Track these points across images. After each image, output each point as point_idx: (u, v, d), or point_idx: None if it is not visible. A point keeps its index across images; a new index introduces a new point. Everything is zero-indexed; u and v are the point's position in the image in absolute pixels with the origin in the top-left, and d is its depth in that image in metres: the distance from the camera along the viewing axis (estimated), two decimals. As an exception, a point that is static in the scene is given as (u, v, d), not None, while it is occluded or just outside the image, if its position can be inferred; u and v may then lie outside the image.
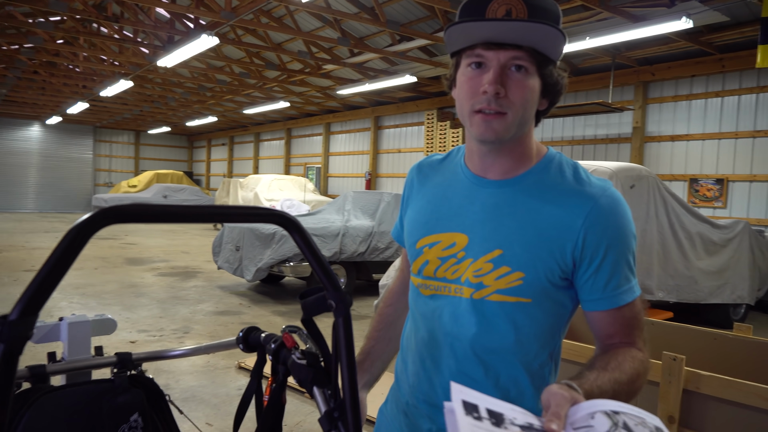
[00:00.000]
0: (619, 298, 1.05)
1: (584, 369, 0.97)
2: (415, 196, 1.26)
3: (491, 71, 1.02)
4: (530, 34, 0.99)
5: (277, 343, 1.16)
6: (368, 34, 11.04)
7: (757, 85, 8.76)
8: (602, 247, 1.04)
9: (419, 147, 14.90)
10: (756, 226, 8.09)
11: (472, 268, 1.10)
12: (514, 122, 1.05)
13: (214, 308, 7.03)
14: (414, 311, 1.23)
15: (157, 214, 0.76)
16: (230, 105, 18.66)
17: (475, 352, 1.10)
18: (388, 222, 8.25)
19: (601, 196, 1.06)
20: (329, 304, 0.95)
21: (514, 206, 1.09)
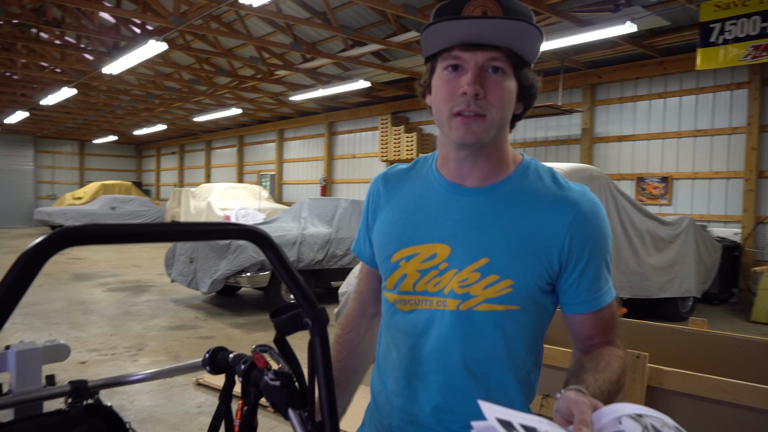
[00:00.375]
0: (600, 300, 1.07)
1: (576, 371, 0.97)
2: (383, 208, 1.21)
3: (469, 72, 1.01)
4: (507, 33, 0.99)
5: (247, 364, 1.10)
6: (320, 39, 10.98)
7: (696, 87, 9.14)
8: (586, 250, 1.05)
9: (374, 152, 14.91)
10: (699, 222, 8.42)
11: (456, 278, 1.06)
12: (493, 124, 1.03)
13: (169, 323, 6.81)
14: (391, 328, 1.17)
15: (119, 235, 0.70)
16: (180, 112, 18.23)
17: (465, 364, 1.07)
18: (345, 228, 8.19)
19: (583, 200, 1.06)
20: (305, 322, 0.90)
21: (497, 213, 1.07)
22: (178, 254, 7.90)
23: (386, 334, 1.20)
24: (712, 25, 7.08)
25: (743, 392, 1.86)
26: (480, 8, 0.99)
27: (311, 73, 11.84)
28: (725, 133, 8.83)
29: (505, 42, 1.01)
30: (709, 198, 9.04)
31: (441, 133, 1.13)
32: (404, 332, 1.13)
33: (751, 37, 6.84)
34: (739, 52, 6.94)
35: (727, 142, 8.83)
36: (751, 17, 6.82)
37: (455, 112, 1.03)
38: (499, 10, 0.99)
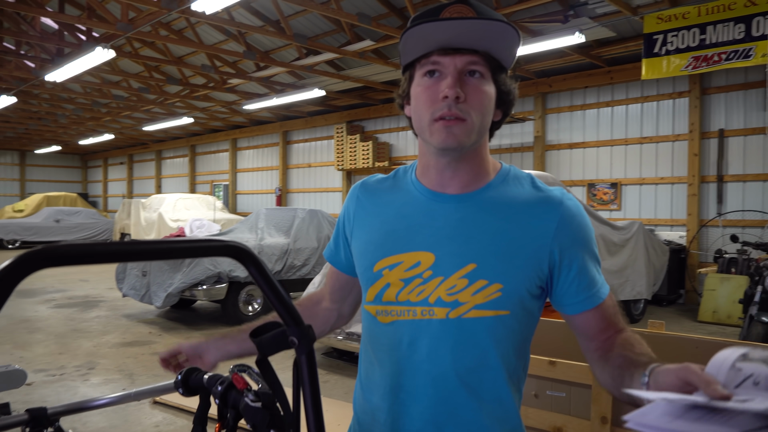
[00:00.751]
0: (600, 293, 1.08)
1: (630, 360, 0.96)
2: (363, 217, 1.19)
3: (449, 76, 1.02)
4: (485, 36, 1.00)
5: (224, 385, 1.05)
6: (274, 47, 10.88)
7: (641, 96, 9.49)
8: (577, 249, 1.06)
9: (330, 161, 14.84)
10: (647, 226, 8.73)
11: (443, 286, 1.05)
12: (474, 128, 1.03)
13: (121, 339, 6.56)
14: (373, 343, 1.14)
15: (96, 255, 0.65)
16: (128, 122, 17.70)
17: (458, 374, 1.05)
18: (303, 239, 8.11)
19: (565, 200, 1.08)
20: (291, 341, 0.86)
21: (482, 219, 1.07)
22: (129, 267, 7.63)
23: (368, 349, 1.17)
24: (655, 37, 7.38)
25: (706, 392, 1.91)
26: (456, 14, 1.01)
27: (265, 82, 11.70)
28: (669, 140, 9.20)
29: (483, 45, 1.02)
30: (656, 202, 9.38)
31: (421, 141, 1.12)
32: (388, 345, 1.10)
33: (692, 48, 7.15)
34: (680, 62, 7.24)
35: (671, 149, 9.20)
36: (691, 29, 7.14)
37: (437, 116, 1.03)
38: (474, 15, 1.00)
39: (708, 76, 8.72)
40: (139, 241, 0.71)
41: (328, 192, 15.02)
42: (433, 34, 1.01)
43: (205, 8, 7.10)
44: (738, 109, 8.57)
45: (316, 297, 1.35)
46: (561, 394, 2.32)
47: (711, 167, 8.78)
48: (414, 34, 1.01)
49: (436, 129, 1.03)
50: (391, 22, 8.95)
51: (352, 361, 5.62)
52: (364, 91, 12.62)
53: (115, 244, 0.68)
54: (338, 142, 13.88)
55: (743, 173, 8.50)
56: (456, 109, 1.01)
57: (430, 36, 1.01)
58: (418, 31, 1.01)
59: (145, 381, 5.04)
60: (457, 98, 1.01)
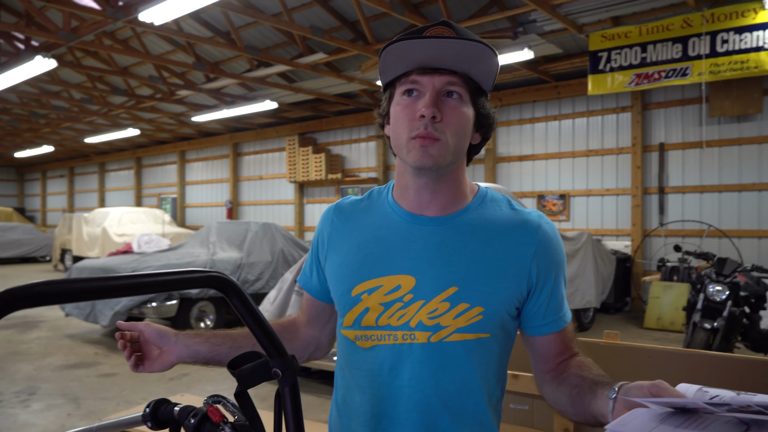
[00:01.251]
0: (565, 318, 1.11)
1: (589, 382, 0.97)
2: (337, 240, 1.16)
3: (427, 95, 1.02)
4: (464, 57, 1.01)
5: (198, 417, 1.00)
6: (224, 59, 10.72)
7: (587, 110, 9.83)
8: (551, 272, 1.08)
9: (282, 173, 14.69)
10: (595, 236, 9.01)
11: (424, 310, 1.04)
12: (450, 149, 1.04)
13: (65, 361, 6.25)
14: (351, 368, 1.12)
15: (74, 292, 0.61)
16: (70, 133, 17.03)
17: (440, 398, 1.05)
18: (257, 252, 7.97)
19: (543, 224, 1.10)
20: (274, 372, 0.83)
21: (462, 242, 1.07)
22: (72, 286, 7.31)
23: (345, 375, 1.14)
24: (600, 54, 7.67)
25: (665, 401, 1.97)
26: (437, 34, 1.01)
27: (215, 94, 11.50)
28: (613, 153, 9.55)
29: (462, 67, 1.03)
30: (602, 213, 9.71)
31: (399, 162, 1.12)
32: (368, 371, 1.08)
33: (634, 66, 7.48)
34: (624, 79, 7.55)
35: (616, 162, 9.55)
36: (633, 48, 7.47)
37: (413, 135, 1.03)
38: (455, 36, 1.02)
39: (649, 92, 9.12)
40: (119, 276, 0.67)
41: (280, 204, 14.85)
42: (412, 52, 1.01)
43: (153, 19, 6.93)
44: (676, 123, 8.99)
45: (296, 323, 1.30)
46: (524, 407, 2.34)
47: (653, 179, 9.16)
48: (393, 52, 1.02)
49: (412, 147, 1.03)
50: (343, 35, 8.97)
51: (309, 377, 5.53)
52: (316, 103, 12.57)
53: (93, 281, 0.64)
54: (290, 154, 13.76)
55: (682, 185, 8.91)
56: (432, 129, 1.01)
57: (409, 54, 1.02)
58: (398, 48, 1.01)
59: (91, 405, 4.82)
60: (434, 118, 1.01)
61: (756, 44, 6.60)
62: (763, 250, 8.24)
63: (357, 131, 13.20)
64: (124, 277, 0.67)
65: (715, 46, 6.84)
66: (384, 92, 1.12)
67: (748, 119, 8.32)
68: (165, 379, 5.60)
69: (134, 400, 4.93)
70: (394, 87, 1.08)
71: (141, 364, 1.17)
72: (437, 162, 1.03)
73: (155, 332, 1.18)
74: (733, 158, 8.48)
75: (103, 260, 7.67)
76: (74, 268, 7.47)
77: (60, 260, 15.83)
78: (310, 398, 4.98)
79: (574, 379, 1.03)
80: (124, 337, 1.16)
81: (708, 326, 5.08)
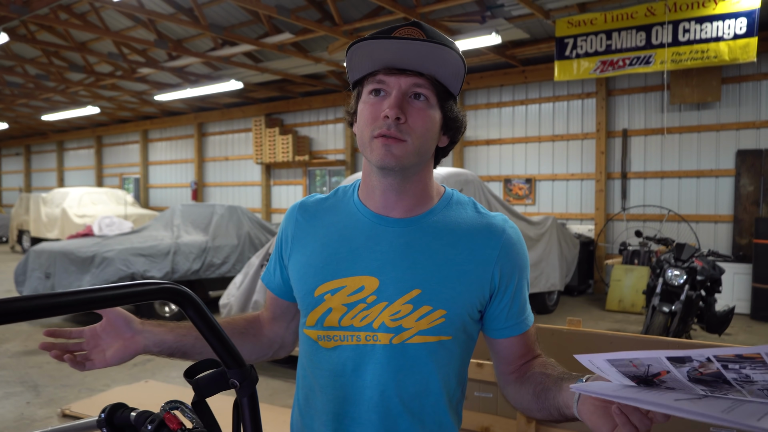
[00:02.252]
0: (527, 321, 1.12)
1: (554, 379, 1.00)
2: (301, 238, 1.15)
3: (392, 96, 1.02)
4: (431, 59, 1.00)
5: (155, 424, 0.98)
6: (187, 36, 10.41)
7: (553, 95, 9.93)
8: (514, 276, 1.10)
9: (248, 154, 14.47)
10: (559, 220, 9.17)
11: (387, 311, 1.04)
12: (414, 150, 1.03)
13: (23, 347, 6.09)
14: (313, 368, 1.12)
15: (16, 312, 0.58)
16: (25, 110, 16.39)
17: (402, 400, 1.05)
18: (222, 236, 7.86)
19: (507, 228, 1.11)
20: (232, 383, 0.82)
21: (427, 244, 1.07)
22: (31, 269, 7.10)
23: (308, 375, 1.14)
24: (567, 40, 7.73)
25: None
26: (406, 35, 1.01)
27: (178, 72, 11.20)
28: (578, 138, 9.68)
29: (429, 69, 1.02)
30: (567, 197, 9.87)
31: (365, 162, 1.11)
32: (330, 371, 1.08)
33: (599, 53, 7.56)
34: (589, 65, 7.63)
35: (581, 147, 9.69)
36: (598, 35, 7.54)
37: (376, 134, 1.02)
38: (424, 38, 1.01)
39: (613, 78, 9.25)
40: (65, 293, 0.64)
41: (246, 186, 14.65)
42: (380, 51, 1.00)
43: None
44: (639, 110, 9.16)
45: (261, 320, 1.28)
46: (488, 395, 2.38)
47: (616, 164, 9.34)
48: (360, 50, 1.01)
49: (376, 146, 1.03)
50: (310, 15, 8.81)
51: (276, 362, 5.52)
52: (283, 83, 12.37)
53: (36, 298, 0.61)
54: (257, 135, 13.55)
55: (644, 171, 9.11)
56: (396, 130, 1.01)
57: (377, 54, 1.01)
58: (365, 47, 1.00)
59: (52, 393, 4.71)
60: (398, 119, 1.00)
61: (715, 34, 6.74)
62: (719, 234, 8.52)
63: (324, 113, 13.06)
64: (71, 293, 0.64)
65: (677, 35, 6.96)
66: (352, 90, 1.11)
67: (707, 107, 8.53)
68: (129, 365, 5.51)
69: (96, 387, 4.85)
70: (362, 85, 1.07)
71: (89, 360, 1.08)
72: (400, 162, 1.02)
73: (122, 318, 1.11)
74: (692, 145, 8.70)
75: (62, 243, 7.46)
76: (32, 251, 7.25)
77: (17, 241, 15.35)
78: (277, 383, 4.98)
79: (537, 377, 1.05)
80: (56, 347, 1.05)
81: (666, 310, 5.25)
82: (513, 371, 1.12)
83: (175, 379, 5.09)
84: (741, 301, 7.67)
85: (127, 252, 6.78)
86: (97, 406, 4.25)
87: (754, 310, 7.56)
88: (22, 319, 0.60)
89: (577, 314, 7.72)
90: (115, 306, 0.69)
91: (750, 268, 7.70)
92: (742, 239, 8.22)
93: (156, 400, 4.19)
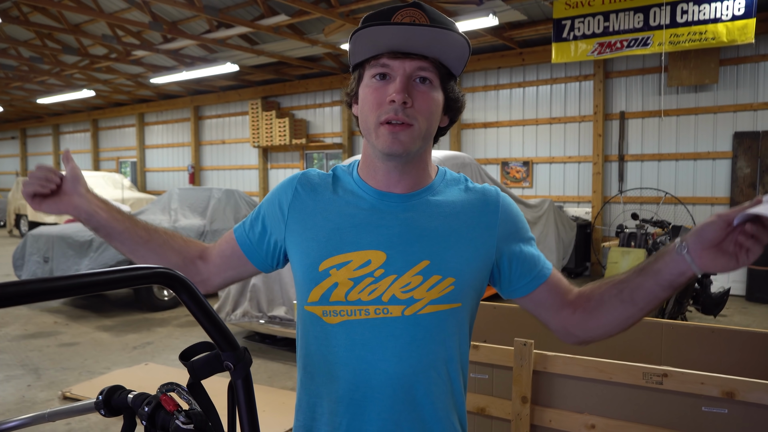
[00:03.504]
0: (544, 270, 1.16)
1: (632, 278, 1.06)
2: (301, 211, 1.14)
3: (398, 80, 1.03)
4: (436, 43, 1.02)
5: (152, 405, 1.00)
6: (182, 18, 10.31)
7: (550, 78, 9.88)
8: (518, 237, 1.15)
9: (245, 137, 14.42)
10: (557, 203, 9.19)
11: (397, 284, 1.06)
12: (420, 134, 1.05)
13: (23, 331, 6.13)
14: (320, 345, 1.10)
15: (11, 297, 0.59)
16: (20, 93, 16.27)
17: (416, 370, 1.07)
18: (220, 220, 7.87)
19: (500, 197, 1.17)
20: (226, 365, 0.83)
21: (431, 216, 1.10)
22: (29, 253, 7.12)
23: (311, 351, 1.12)
24: (564, 22, 7.67)
25: (615, 370, 2.06)
26: (408, 18, 1.02)
27: (174, 55, 11.11)
28: (576, 120, 9.66)
29: (433, 52, 1.03)
30: (564, 180, 9.87)
31: (367, 142, 1.12)
32: (337, 347, 1.08)
33: (597, 35, 7.51)
34: (587, 47, 7.59)
35: (578, 129, 9.67)
36: (596, 17, 7.49)
37: (383, 120, 1.03)
38: (426, 21, 1.02)
39: (610, 60, 9.20)
40: (57, 278, 0.65)
41: (243, 169, 14.62)
42: (384, 37, 1.01)
43: (105, -25, 6.60)
44: (636, 92, 9.12)
45: (199, 248, 1.28)
46: (484, 376, 2.41)
47: (613, 147, 9.33)
48: (364, 36, 1.01)
49: (382, 133, 1.04)
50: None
51: (275, 344, 5.56)
52: (279, 66, 12.29)
53: (31, 282, 0.62)
54: (253, 118, 13.49)
55: (641, 153, 9.10)
56: (403, 114, 1.02)
57: (381, 39, 1.02)
58: (369, 33, 1.00)
59: (52, 376, 4.75)
60: (405, 103, 1.02)
61: (714, 15, 6.69)
62: (715, 216, 8.54)
63: (321, 95, 12.99)
64: (66, 278, 0.65)
65: (675, 16, 6.91)
66: (353, 72, 1.12)
67: (705, 89, 8.50)
68: (129, 348, 5.55)
69: (97, 370, 4.89)
70: (363, 68, 1.08)
71: (42, 200, 1.18)
72: (407, 148, 1.05)
73: (75, 176, 1.20)
74: (689, 127, 8.69)
75: (60, 227, 7.46)
76: (30, 236, 7.26)
77: (15, 226, 15.33)
78: (276, 365, 5.02)
79: (611, 289, 1.08)
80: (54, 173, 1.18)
81: (661, 291, 5.28)
82: (566, 309, 1.14)
83: (174, 362, 5.13)
84: (736, 283, 7.72)
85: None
86: (97, 389, 4.29)
87: (750, 291, 7.62)
88: (18, 303, 0.60)
89: (573, 296, 7.77)
90: (111, 290, 0.70)
91: (745, 250, 7.73)
92: (738, 221, 8.24)
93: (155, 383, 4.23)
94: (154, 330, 6.22)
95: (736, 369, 2.49)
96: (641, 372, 2.00)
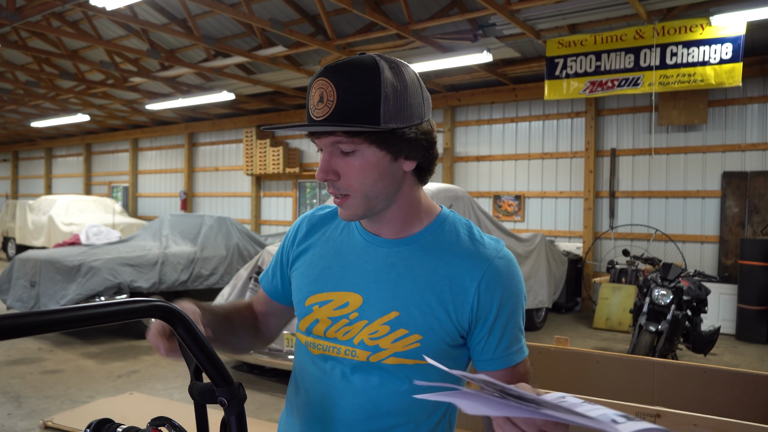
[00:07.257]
0: (510, 358, 1.06)
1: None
2: (305, 249, 1.20)
3: (322, 159, 1.04)
4: (346, 117, 0.96)
5: (141, 441, 0.98)
6: (180, 47, 10.43)
7: (543, 114, 10.03)
8: (494, 308, 1.04)
9: (238, 165, 14.45)
10: (548, 237, 9.22)
11: (367, 330, 1.06)
12: (361, 200, 1.04)
13: (5, 357, 6.00)
14: (302, 372, 1.17)
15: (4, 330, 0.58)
16: (14, 116, 16.28)
17: (369, 414, 1.06)
18: (211, 247, 7.82)
19: (495, 257, 1.06)
20: (220, 401, 0.82)
21: (410, 266, 1.07)
22: (15, 277, 7.02)
23: (297, 375, 1.19)
24: (557, 60, 7.83)
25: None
26: (318, 92, 0.99)
27: (170, 82, 11.19)
28: (567, 156, 9.77)
29: (340, 129, 0.98)
30: (556, 215, 9.93)
31: None
32: (315, 376, 1.12)
33: (588, 74, 7.65)
34: (579, 85, 7.73)
35: (570, 165, 9.78)
36: (588, 56, 7.64)
37: (329, 190, 1.06)
38: (333, 91, 0.96)
39: (602, 98, 9.37)
40: (53, 311, 0.64)
41: (236, 197, 14.61)
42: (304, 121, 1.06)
43: (105, 4, 6.69)
44: (627, 130, 9.27)
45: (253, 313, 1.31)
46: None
47: (604, 183, 9.43)
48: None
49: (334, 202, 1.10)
50: (303, 29, 8.87)
51: (263, 375, 5.48)
52: (275, 95, 12.40)
53: (26, 315, 0.61)
54: (247, 146, 13.54)
55: (632, 190, 9.20)
56: (334, 189, 1.04)
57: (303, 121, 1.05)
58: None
59: (34, 404, 4.64)
60: (332, 179, 1.03)
61: (702, 58, 6.85)
62: (705, 254, 8.61)
63: (316, 125, 13.07)
64: (61, 310, 0.64)
65: (665, 58, 7.07)
66: None
67: (694, 129, 8.66)
68: (113, 376, 5.45)
69: (80, 399, 4.78)
70: None
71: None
72: (354, 215, 1.06)
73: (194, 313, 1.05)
74: (679, 166, 8.81)
75: (48, 252, 7.39)
76: (17, 259, 7.17)
77: (2, 249, 15.16)
78: (264, 397, 4.94)
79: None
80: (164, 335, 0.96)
81: (653, 329, 5.28)
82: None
83: (160, 391, 5.03)
84: (726, 322, 7.72)
85: (114, 261, 6.73)
86: (80, 418, 4.19)
87: (739, 330, 7.62)
88: (10, 337, 0.60)
89: (564, 332, 7.74)
90: (105, 324, 0.69)
91: (735, 288, 7.77)
92: (728, 260, 8.30)
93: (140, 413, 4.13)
94: (140, 358, 6.11)
95: (727, 409, 2.48)
96: (634, 411, 1.99)
